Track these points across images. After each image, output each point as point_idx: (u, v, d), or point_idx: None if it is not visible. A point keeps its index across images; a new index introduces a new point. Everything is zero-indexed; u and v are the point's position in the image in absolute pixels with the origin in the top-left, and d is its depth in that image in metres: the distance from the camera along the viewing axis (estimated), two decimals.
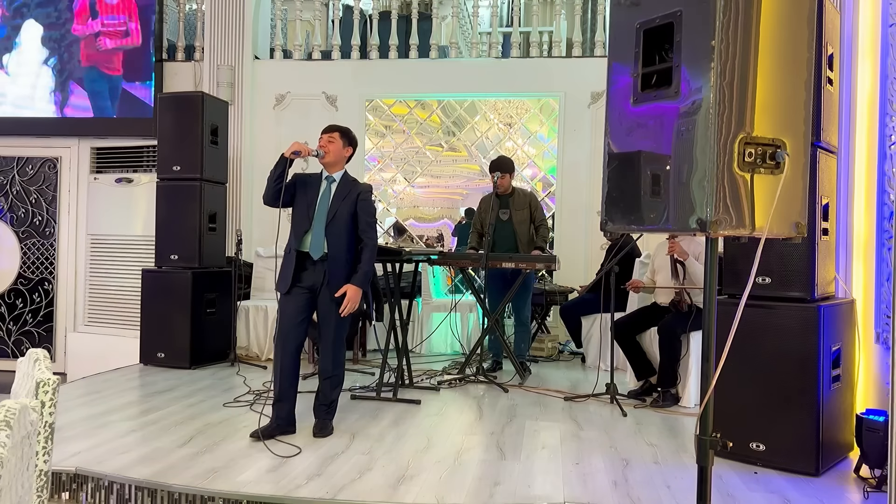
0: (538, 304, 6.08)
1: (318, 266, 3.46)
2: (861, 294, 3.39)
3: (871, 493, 2.78)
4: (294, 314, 3.46)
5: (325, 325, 3.50)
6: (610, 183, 1.98)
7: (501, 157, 5.38)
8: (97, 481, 2.92)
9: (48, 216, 7.12)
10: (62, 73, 6.91)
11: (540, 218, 5.27)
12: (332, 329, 3.49)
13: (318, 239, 3.45)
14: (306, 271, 3.48)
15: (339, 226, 3.47)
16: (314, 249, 3.46)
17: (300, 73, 6.96)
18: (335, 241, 3.46)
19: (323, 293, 3.47)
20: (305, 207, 3.51)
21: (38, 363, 1.64)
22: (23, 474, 1.36)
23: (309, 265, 3.47)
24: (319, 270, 3.46)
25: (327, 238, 3.45)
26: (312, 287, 3.47)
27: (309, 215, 3.49)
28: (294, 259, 3.47)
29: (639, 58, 1.88)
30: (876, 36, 3.29)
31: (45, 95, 6.92)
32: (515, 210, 5.21)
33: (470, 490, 2.79)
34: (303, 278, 3.48)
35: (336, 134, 3.59)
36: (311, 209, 3.50)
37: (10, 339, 7.10)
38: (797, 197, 1.80)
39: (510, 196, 5.24)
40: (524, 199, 5.26)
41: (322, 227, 3.46)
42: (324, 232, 3.45)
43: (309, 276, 3.47)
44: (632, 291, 4.81)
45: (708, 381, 1.77)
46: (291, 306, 3.47)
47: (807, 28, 1.81)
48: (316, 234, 3.46)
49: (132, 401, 4.32)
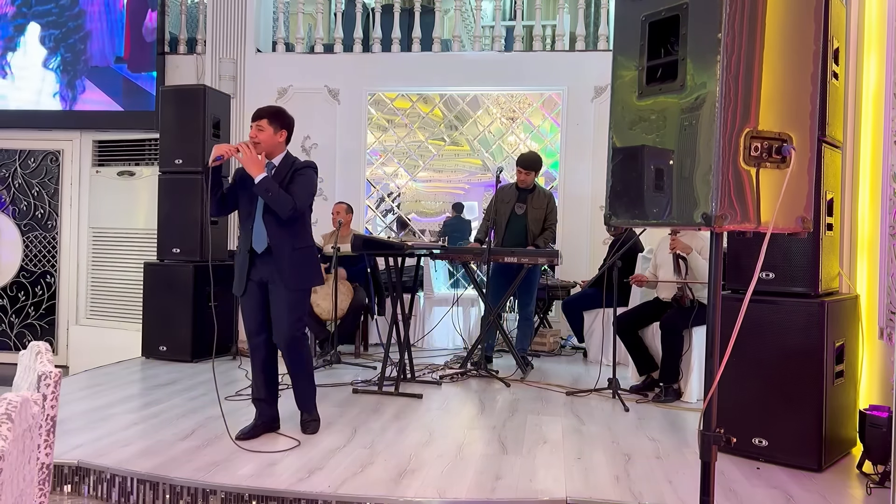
0: (540, 299, 6.08)
1: (264, 259, 3.28)
2: (865, 289, 3.38)
3: (873, 488, 2.78)
4: (254, 312, 3.33)
5: (278, 323, 3.29)
6: (614, 177, 1.97)
7: (532, 153, 5.45)
8: (99, 474, 2.92)
9: (50, 209, 7.12)
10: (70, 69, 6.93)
11: (551, 220, 5.31)
12: (287, 326, 3.28)
13: (260, 231, 3.26)
14: (255, 267, 3.30)
15: (275, 214, 3.22)
16: (257, 243, 3.28)
17: (302, 66, 6.94)
18: (276, 231, 3.25)
19: (273, 289, 3.29)
20: (248, 202, 3.31)
21: (39, 356, 1.64)
22: (24, 467, 1.36)
23: (257, 260, 3.29)
24: (267, 264, 3.28)
25: (267, 228, 3.25)
26: (262, 281, 3.30)
27: (251, 210, 3.29)
28: (246, 257, 3.30)
29: (644, 51, 1.87)
30: (882, 30, 3.26)
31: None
32: (533, 207, 5.24)
33: (471, 484, 2.79)
34: (252, 274, 3.30)
35: (264, 121, 3.29)
36: (254, 203, 3.28)
37: (13, 331, 7.11)
38: (803, 191, 1.79)
39: (531, 192, 5.26)
40: (543, 199, 5.30)
41: (261, 217, 3.26)
42: (263, 223, 3.26)
43: (257, 271, 3.30)
44: (635, 285, 4.81)
45: (711, 377, 1.76)
46: (249, 304, 3.33)
47: (813, 21, 1.79)
48: (258, 226, 3.27)
49: (134, 394, 4.32)
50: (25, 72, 6.95)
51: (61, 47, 6.89)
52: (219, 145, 3.19)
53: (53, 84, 6.92)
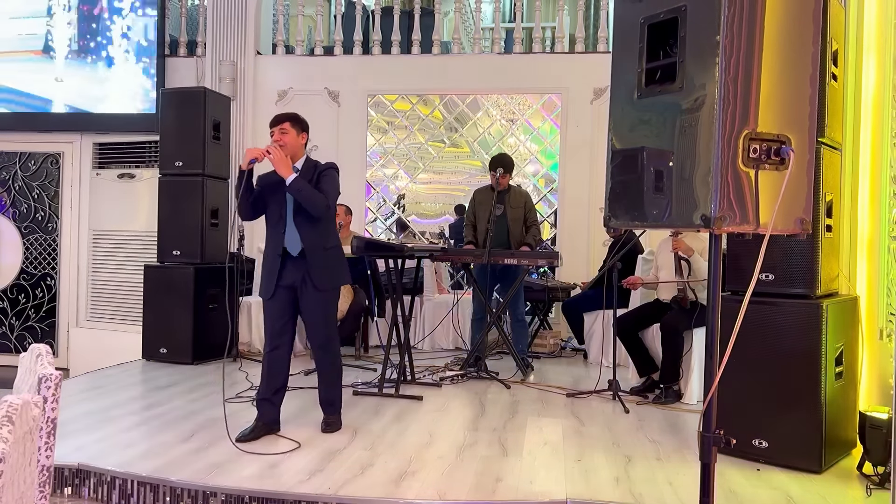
0: (540, 301, 6.08)
1: (297, 263, 3.35)
2: (865, 291, 3.38)
3: (873, 490, 2.78)
4: (279, 316, 3.38)
5: (313, 325, 3.41)
6: (613, 179, 1.97)
7: (505, 154, 5.40)
8: (100, 476, 2.92)
9: (50, 211, 7.13)
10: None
11: (532, 219, 5.33)
12: (322, 326, 3.40)
13: (292, 234, 3.35)
14: (286, 269, 3.36)
15: (306, 215, 3.32)
16: (291, 245, 3.35)
17: (302, 68, 6.96)
18: (308, 233, 3.34)
19: (304, 291, 3.36)
20: (277, 207, 3.38)
21: (40, 358, 1.64)
22: (25, 469, 1.36)
23: (288, 263, 3.36)
24: (299, 267, 3.34)
25: (300, 231, 3.34)
26: (292, 285, 3.36)
27: (282, 213, 3.37)
28: (276, 261, 3.35)
29: (643, 53, 1.87)
30: (881, 32, 3.27)
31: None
32: (511, 207, 5.26)
33: (472, 486, 2.79)
34: (283, 277, 3.36)
35: (287, 124, 3.39)
36: (283, 206, 3.37)
37: (13, 334, 7.11)
38: (802, 193, 1.79)
39: (507, 192, 5.27)
40: (520, 198, 5.33)
41: (292, 220, 3.35)
42: (294, 225, 3.34)
43: (289, 274, 3.36)
44: (629, 288, 4.79)
45: (711, 378, 1.76)
46: (275, 308, 3.37)
47: (811, 23, 1.79)
48: (290, 230, 3.35)
49: (134, 396, 4.32)
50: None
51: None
52: (251, 149, 3.29)
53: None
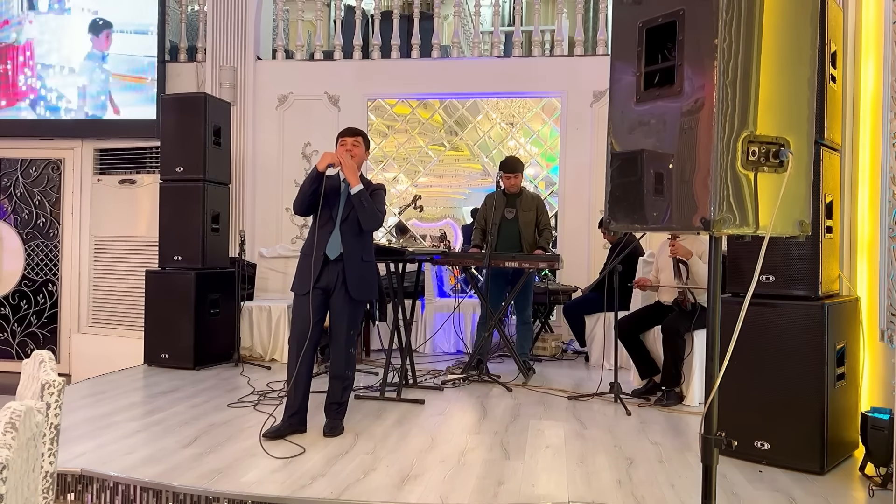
0: (541, 304, 6.07)
1: (333, 266, 3.50)
2: (865, 292, 3.38)
3: (876, 491, 2.78)
4: (309, 314, 3.46)
5: (338, 326, 3.54)
6: (613, 182, 1.97)
7: (514, 157, 5.39)
8: (102, 482, 2.92)
9: (52, 218, 7.14)
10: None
11: (545, 222, 5.28)
12: (345, 329, 3.53)
13: (336, 238, 3.51)
14: (324, 272, 3.51)
15: (352, 224, 3.52)
16: (331, 250, 3.51)
17: (302, 73, 6.97)
18: (350, 241, 3.52)
19: (337, 293, 3.51)
20: (329, 210, 3.55)
21: (43, 365, 1.64)
22: (28, 475, 1.36)
23: (325, 266, 3.51)
24: (335, 270, 3.50)
25: (343, 237, 3.51)
26: (327, 287, 3.51)
27: (332, 216, 3.54)
28: (319, 261, 3.48)
29: (641, 56, 1.87)
30: (879, 33, 3.27)
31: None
32: (523, 210, 5.22)
33: (474, 489, 2.79)
34: (320, 280, 3.50)
35: (359, 138, 3.64)
36: (335, 210, 3.55)
37: (15, 340, 7.12)
38: (801, 195, 1.80)
39: (518, 196, 5.24)
40: (532, 201, 5.28)
41: (339, 226, 3.52)
42: (340, 232, 3.51)
43: (325, 276, 3.51)
44: (639, 289, 4.80)
45: (712, 380, 1.77)
46: (307, 307, 3.46)
47: (809, 25, 1.80)
48: (335, 235, 3.52)
49: (137, 401, 4.33)
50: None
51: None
52: (329, 153, 3.46)
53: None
